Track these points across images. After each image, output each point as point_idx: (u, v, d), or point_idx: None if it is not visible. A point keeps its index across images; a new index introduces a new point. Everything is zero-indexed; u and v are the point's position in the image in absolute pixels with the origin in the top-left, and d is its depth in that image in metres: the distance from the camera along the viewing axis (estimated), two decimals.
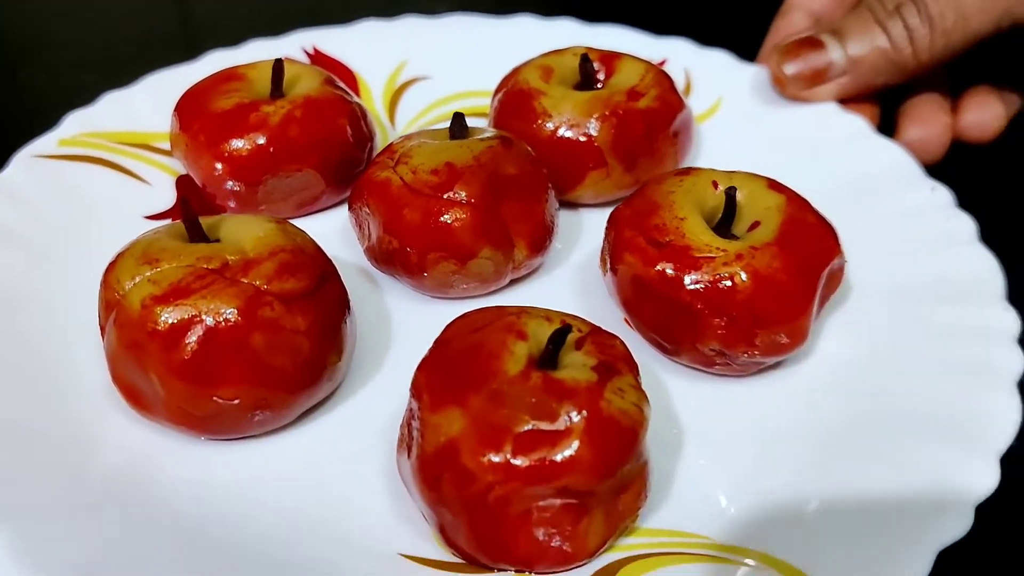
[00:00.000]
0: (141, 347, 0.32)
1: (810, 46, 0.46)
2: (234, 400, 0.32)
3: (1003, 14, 0.44)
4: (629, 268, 0.36)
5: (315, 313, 0.34)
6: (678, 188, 0.38)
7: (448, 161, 0.38)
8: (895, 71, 0.47)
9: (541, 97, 0.44)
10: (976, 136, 0.49)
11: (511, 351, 0.30)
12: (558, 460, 0.28)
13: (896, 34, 0.45)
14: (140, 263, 0.33)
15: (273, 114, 0.42)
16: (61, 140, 0.45)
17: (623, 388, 0.30)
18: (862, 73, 0.47)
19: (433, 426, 0.29)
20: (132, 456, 0.33)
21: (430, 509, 0.30)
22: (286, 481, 0.33)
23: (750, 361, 0.36)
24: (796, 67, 0.47)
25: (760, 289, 0.34)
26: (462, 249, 0.38)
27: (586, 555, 0.30)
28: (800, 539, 0.30)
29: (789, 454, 0.34)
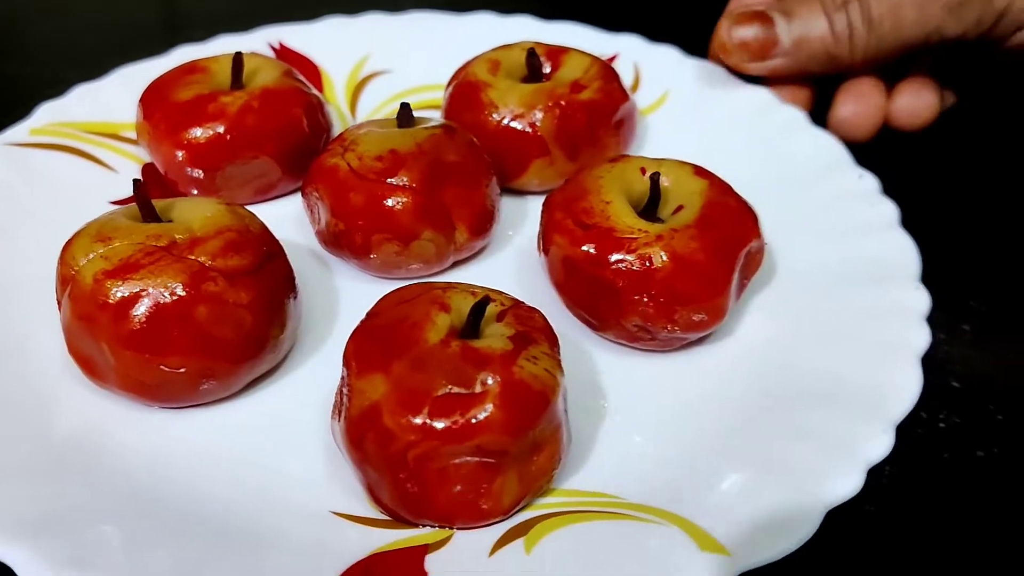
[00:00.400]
0: (93, 319, 0.34)
1: (760, 20, 0.48)
2: (180, 369, 0.35)
3: (934, 30, 0.46)
4: (559, 249, 0.39)
5: (258, 289, 0.36)
6: (607, 174, 0.40)
7: (392, 148, 0.41)
8: (829, 62, 0.49)
9: (488, 89, 0.46)
10: (906, 122, 0.51)
11: (433, 322, 0.32)
12: (472, 421, 0.30)
13: (839, 28, 0.47)
14: (94, 241, 0.35)
15: (231, 104, 0.44)
16: (32, 129, 0.47)
17: (537, 356, 0.32)
18: (800, 57, 0.48)
19: (358, 390, 0.31)
20: (88, 422, 0.36)
21: (357, 468, 0.32)
22: (231, 447, 0.36)
23: (671, 337, 0.38)
24: (744, 35, 0.48)
25: (678, 269, 0.37)
26: (404, 231, 0.40)
27: (501, 512, 0.32)
28: (701, 498, 0.32)
29: (702, 423, 0.36)
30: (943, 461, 0.37)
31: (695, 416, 0.37)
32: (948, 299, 0.44)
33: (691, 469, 0.34)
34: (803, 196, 0.45)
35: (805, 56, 0.48)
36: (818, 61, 0.49)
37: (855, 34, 0.47)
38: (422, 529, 0.32)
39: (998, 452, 0.38)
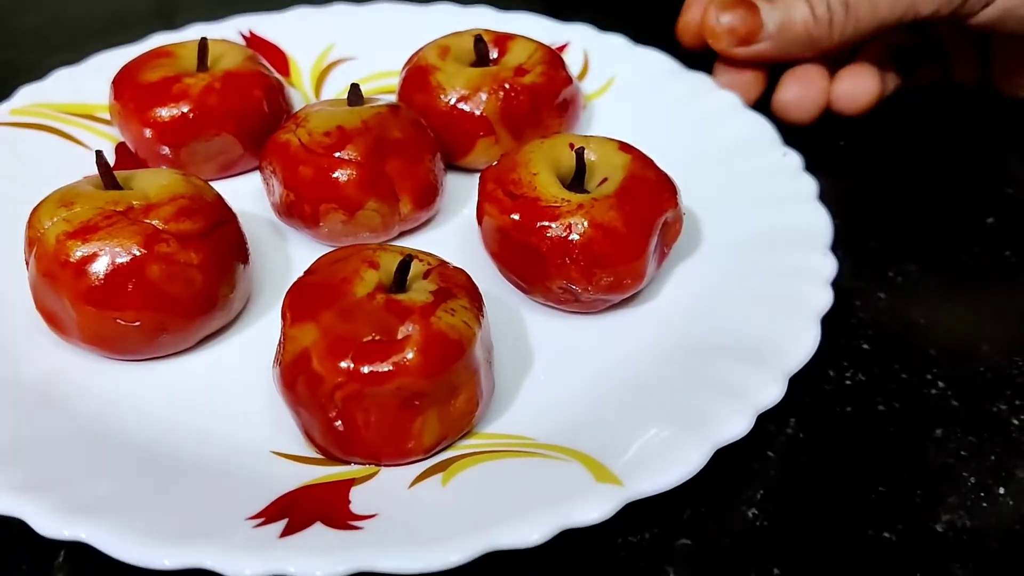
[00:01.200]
0: (55, 276, 0.37)
1: (745, 6, 0.50)
2: (135, 323, 0.38)
3: (908, 8, 0.48)
4: (491, 218, 0.42)
5: (208, 251, 0.39)
6: (537, 149, 0.43)
7: (339, 124, 0.44)
8: (810, 46, 0.51)
9: (437, 72, 0.50)
10: (846, 106, 0.54)
11: (362, 277, 0.36)
12: (393, 365, 0.33)
13: (820, 11, 0.50)
14: (58, 206, 0.39)
15: (194, 85, 0.47)
16: (12, 110, 0.51)
17: (455, 308, 0.35)
18: (783, 42, 0.51)
19: (291, 338, 0.35)
20: (51, 370, 0.39)
21: (292, 410, 0.35)
22: (183, 394, 0.39)
23: (594, 298, 0.41)
24: (730, 21, 0.51)
25: (597, 235, 0.40)
26: (350, 201, 0.43)
27: (423, 451, 0.35)
28: (603, 438, 0.35)
29: (616, 376, 0.39)
30: (846, 414, 0.40)
31: (611, 371, 0.40)
32: (868, 270, 0.47)
33: (599, 414, 0.37)
34: (729, 172, 0.48)
35: (788, 40, 0.50)
36: (800, 44, 0.51)
37: (834, 17, 0.49)
38: (351, 466, 0.35)
39: (899, 407, 0.40)
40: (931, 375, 0.42)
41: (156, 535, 0.31)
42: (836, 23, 0.49)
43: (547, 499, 0.32)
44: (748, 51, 0.52)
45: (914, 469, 0.38)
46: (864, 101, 0.54)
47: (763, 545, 0.35)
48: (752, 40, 0.51)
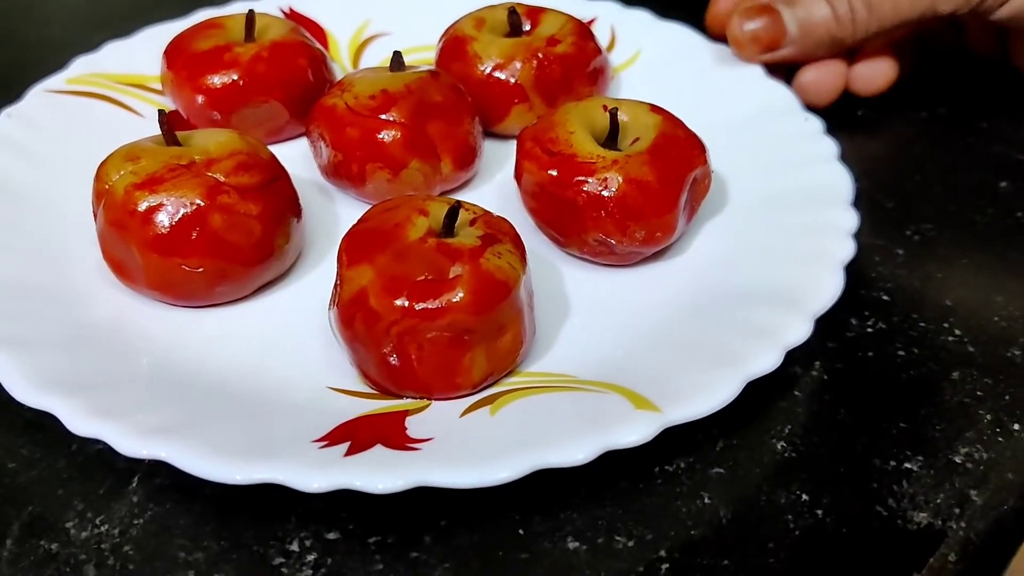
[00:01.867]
0: (124, 225, 0.40)
1: (767, 12, 0.52)
2: (198, 269, 0.40)
3: (928, 7, 0.50)
4: (529, 175, 0.44)
5: (265, 203, 0.41)
6: (573, 110, 0.45)
7: (384, 88, 0.46)
8: (832, 45, 0.53)
9: (473, 42, 0.52)
10: (862, 88, 0.56)
11: (413, 223, 0.38)
12: (444, 302, 0.36)
13: (841, 11, 0.51)
14: (124, 160, 0.41)
15: (244, 54, 0.50)
16: (68, 79, 0.53)
17: (501, 252, 0.37)
18: (807, 44, 0.52)
19: (348, 279, 0.37)
20: (118, 313, 0.41)
21: (348, 347, 0.38)
22: (242, 338, 0.41)
23: (628, 250, 0.43)
24: (753, 29, 0.52)
25: (631, 188, 0.42)
26: (394, 160, 0.46)
27: (471, 385, 0.37)
28: (640, 372, 0.37)
29: (650, 320, 0.41)
30: (868, 358, 0.42)
31: (645, 316, 0.42)
32: (887, 229, 0.50)
33: (636, 354, 0.39)
34: (752, 136, 0.50)
35: (812, 42, 0.52)
36: (823, 45, 0.52)
37: (856, 16, 0.51)
38: (404, 400, 0.38)
39: (917, 352, 0.43)
40: (948, 324, 0.44)
41: (229, 453, 0.33)
42: (859, 22, 0.51)
43: (590, 424, 0.34)
44: (773, 56, 0.53)
45: (933, 407, 0.40)
46: (881, 83, 0.56)
47: (791, 474, 0.37)
48: (776, 46, 0.53)
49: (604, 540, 0.35)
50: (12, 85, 0.54)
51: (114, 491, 0.36)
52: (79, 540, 0.34)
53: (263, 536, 0.34)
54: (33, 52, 0.66)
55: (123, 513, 0.35)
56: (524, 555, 0.34)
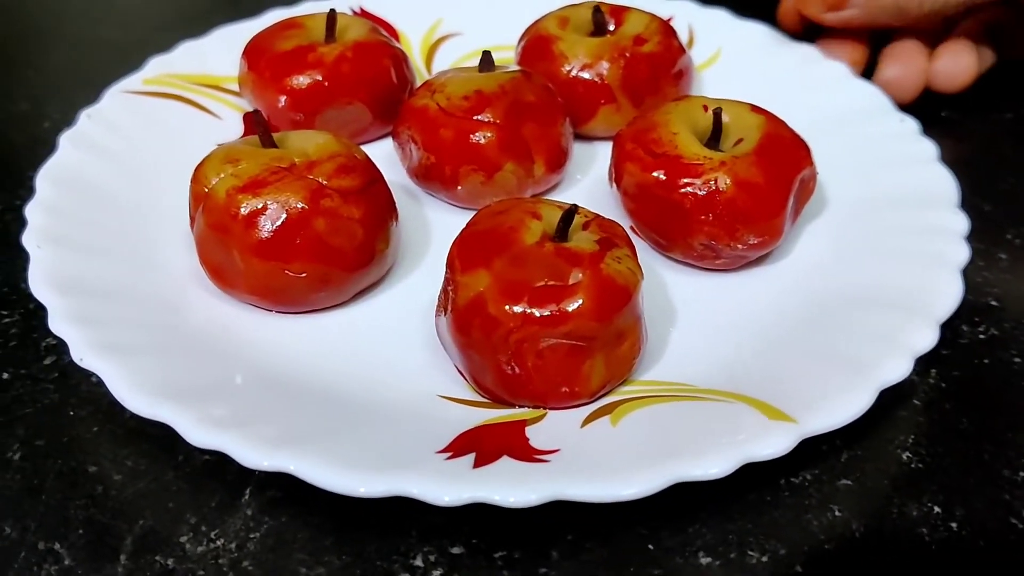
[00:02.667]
0: (225, 229, 0.39)
1: None
2: (301, 274, 0.39)
3: None
4: (631, 176, 0.43)
5: (366, 206, 0.40)
6: (673, 110, 0.44)
7: (477, 89, 0.45)
8: (898, 14, 0.52)
9: (558, 42, 0.51)
10: (943, 85, 0.54)
11: (528, 227, 0.37)
12: (566, 309, 0.35)
13: None
14: (224, 162, 0.40)
15: (328, 54, 0.49)
16: (145, 79, 0.52)
17: (620, 257, 0.36)
18: (871, 9, 0.52)
19: (464, 285, 0.36)
20: (215, 319, 0.40)
21: (462, 354, 0.37)
22: (344, 345, 0.40)
23: (735, 255, 0.42)
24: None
25: (740, 191, 0.41)
26: (489, 163, 0.45)
27: (589, 394, 0.36)
28: (766, 382, 0.36)
29: (764, 325, 0.40)
30: (984, 366, 0.41)
31: (756, 321, 0.41)
32: (987, 232, 0.48)
33: (755, 361, 0.38)
34: (849, 137, 0.49)
35: (876, 8, 0.51)
36: (888, 13, 0.52)
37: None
38: (519, 408, 0.37)
39: None
40: None
41: (356, 465, 0.32)
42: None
43: (723, 436, 0.33)
44: (838, 17, 0.53)
45: None
46: (963, 79, 0.54)
47: (920, 485, 0.36)
48: (842, 6, 0.52)
49: (737, 555, 0.33)
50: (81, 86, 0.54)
51: (226, 504, 0.35)
52: (195, 555, 0.33)
53: (386, 551, 0.33)
54: (101, 54, 0.65)
55: (238, 527, 0.34)
56: (657, 571, 0.33)
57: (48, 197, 0.43)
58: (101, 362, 0.35)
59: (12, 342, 0.42)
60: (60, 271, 0.39)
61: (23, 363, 0.41)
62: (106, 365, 0.35)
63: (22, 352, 0.41)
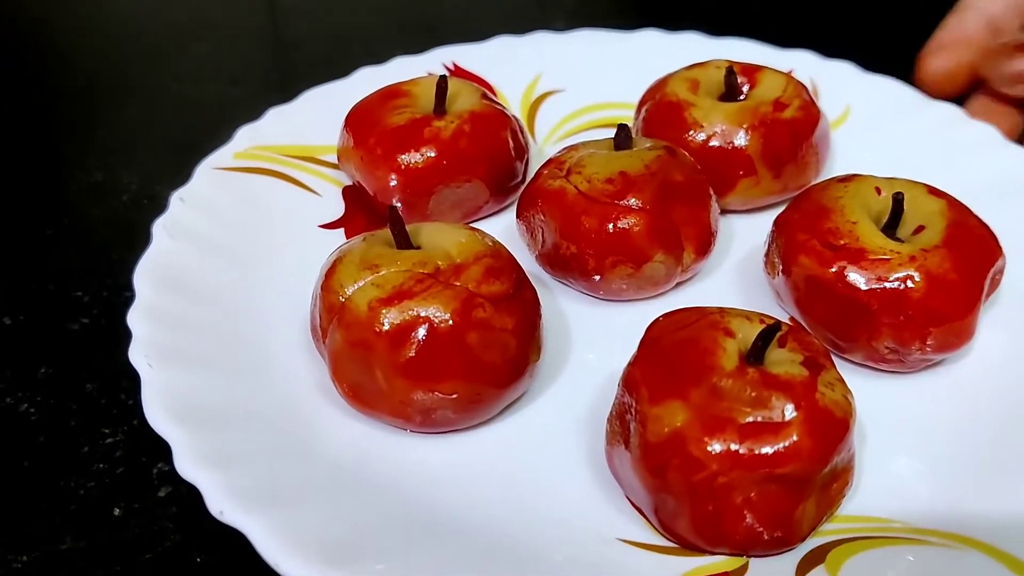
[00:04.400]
0: (368, 346, 0.34)
1: None
2: (452, 395, 0.35)
3: None
4: (803, 269, 0.38)
5: (518, 313, 0.36)
6: (844, 193, 0.40)
7: (622, 170, 0.41)
8: None
9: (691, 108, 0.46)
10: None
11: (723, 348, 0.32)
12: (781, 449, 0.30)
13: None
14: (361, 268, 0.35)
15: (444, 128, 0.44)
16: (236, 153, 0.48)
17: (831, 382, 0.32)
18: None
19: (655, 417, 0.31)
20: (352, 446, 0.36)
21: (650, 496, 0.32)
22: (494, 470, 0.36)
23: (921, 358, 0.38)
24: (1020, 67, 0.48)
25: (933, 289, 0.36)
26: (638, 253, 0.40)
27: (798, 540, 0.32)
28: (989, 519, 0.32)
29: (962, 440, 0.36)
30: None
31: (953, 433, 0.37)
32: None
33: (967, 488, 0.34)
34: (1009, 212, 0.45)
35: None
36: None
37: None
38: (716, 557, 0.32)
39: None
40: None
41: None
42: None
43: None
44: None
45: None
46: None
47: None
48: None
49: None
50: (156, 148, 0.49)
51: None
52: None
53: None
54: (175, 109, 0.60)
55: None
56: None
57: (151, 300, 0.39)
58: (246, 517, 0.30)
59: (119, 468, 0.37)
60: (178, 396, 0.35)
61: (135, 495, 0.36)
62: (252, 521, 0.30)
63: (132, 481, 0.37)
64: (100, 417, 0.39)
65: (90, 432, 0.38)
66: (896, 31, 0.56)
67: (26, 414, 0.39)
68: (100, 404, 0.40)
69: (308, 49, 0.67)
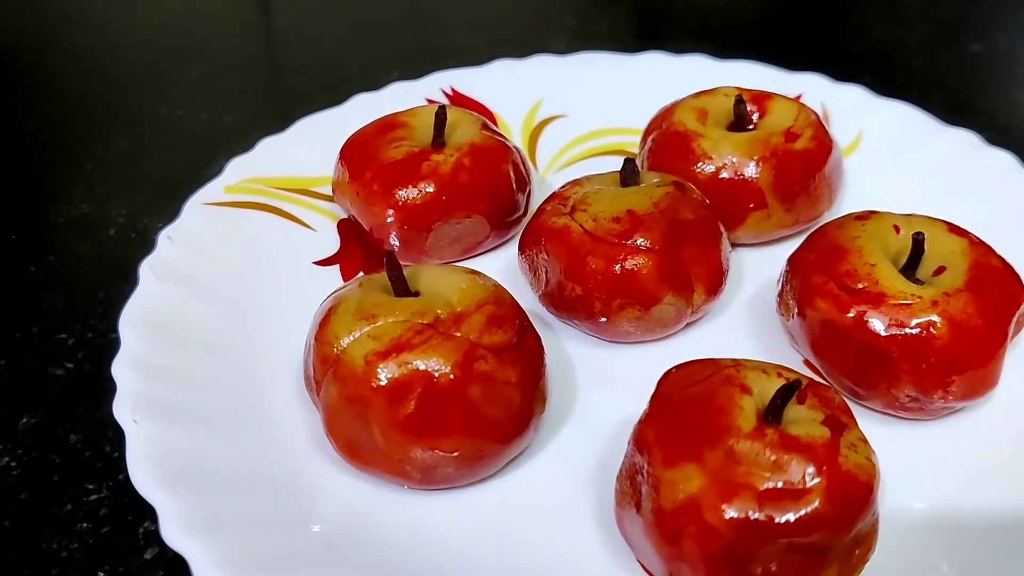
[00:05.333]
0: (365, 401, 0.33)
1: None
2: (453, 452, 0.33)
3: None
4: (819, 313, 0.37)
5: (522, 364, 0.34)
6: (862, 233, 0.38)
7: (629, 208, 0.39)
8: None
9: (700, 139, 0.45)
10: None
11: (740, 406, 0.31)
12: (802, 517, 0.28)
13: None
14: (356, 319, 0.34)
15: (443, 163, 0.43)
16: (226, 187, 0.46)
17: (854, 443, 0.30)
18: None
19: (668, 482, 0.30)
20: (348, 506, 0.34)
21: (664, 563, 0.30)
22: (497, 530, 0.34)
23: (943, 406, 0.36)
24: None
25: (957, 335, 0.35)
26: (647, 295, 0.39)
27: None
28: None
29: (990, 491, 0.34)
30: None
31: (974, 485, 0.35)
32: None
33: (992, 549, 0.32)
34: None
35: None
36: None
37: None
38: None
39: None
40: None
41: None
42: None
43: None
44: None
45: None
46: None
47: None
48: None
49: None
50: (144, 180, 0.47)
51: None
52: None
53: None
54: (164, 137, 0.58)
55: None
56: None
57: (136, 349, 0.37)
58: None
59: (104, 527, 0.35)
60: (165, 456, 0.33)
61: (119, 557, 0.34)
62: None
63: (117, 541, 0.35)
64: (84, 471, 0.37)
65: (74, 488, 0.37)
66: (910, 53, 0.54)
67: (7, 468, 0.37)
68: (84, 457, 0.38)
69: (304, 74, 0.65)
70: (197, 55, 0.67)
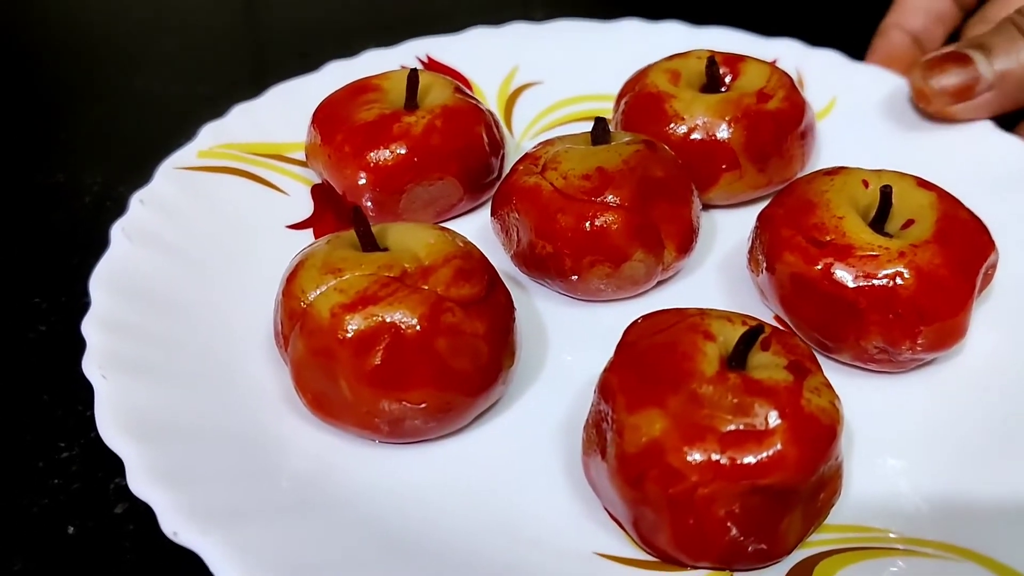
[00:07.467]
0: (332, 354, 0.33)
1: (956, 61, 0.46)
2: (421, 404, 0.33)
3: None
4: (788, 267, 0.37)
5: (490, 317, 0.34)
6: (830, 187, 0.38)
7: (599, 166, 0.39)
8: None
9: (672, 100, 0.45)
10: None
11: (703, 352, 0.31)
12: (764, 459, 0.28)
13: None
14: (323, 273, 0.34)
15: (415, 124, 0.43)
16: (200, 152, 0.46)
17: (818, 387, 0.30)
18: (1008, 89, 0.46)
19: (632, 427, 0.30)
20: (317, 460, 0.34)
21: (628, 508, 0.30)
22: (467, 483, 0.34)
23: (911, 357, 0.36)
24: (943, 81, 0.46)
25: (924, 286, 0.35)
26: (616, 252, 0.39)
27: (784, 553, 0.30)
28: (982, 527, 0.31)
29: (952, 443, 0.35)
30: None
31: (943, 436, 0.35)
32: None
33: (959, 495, 0.32)
34: (1001, 204, 0.43)
35: (1014, 87, 0.46)
36: None
37: None
38: (698, 571, 0.31)
39: None
40: None
41: None
42: None
43: None
44: (969, 107, 0.47)
45: None
46: None
47: None
48: (970, 95, 0.46)
49: None
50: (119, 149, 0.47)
51: None
52: None
53: None
54: (139, 108, 0.58)
55: None
56: None
57: (106, 309, 0.37)
58: (203, 539, 0.29)
59: (75, 484, 0.35)
60: (133, 409, 0.33)
61: (90, 512, 0.34)
62: (209, 543, 0.29)
63: (87, 497, 0.35)
64: (55, 430, 0.37)
65: (45, 446, 0.37)
66: (882, 18, 0.54)
67: None
68: (56, 416, 0.38)
69: (280, 44, 0.65)
70: (172, 26, 0.66)
